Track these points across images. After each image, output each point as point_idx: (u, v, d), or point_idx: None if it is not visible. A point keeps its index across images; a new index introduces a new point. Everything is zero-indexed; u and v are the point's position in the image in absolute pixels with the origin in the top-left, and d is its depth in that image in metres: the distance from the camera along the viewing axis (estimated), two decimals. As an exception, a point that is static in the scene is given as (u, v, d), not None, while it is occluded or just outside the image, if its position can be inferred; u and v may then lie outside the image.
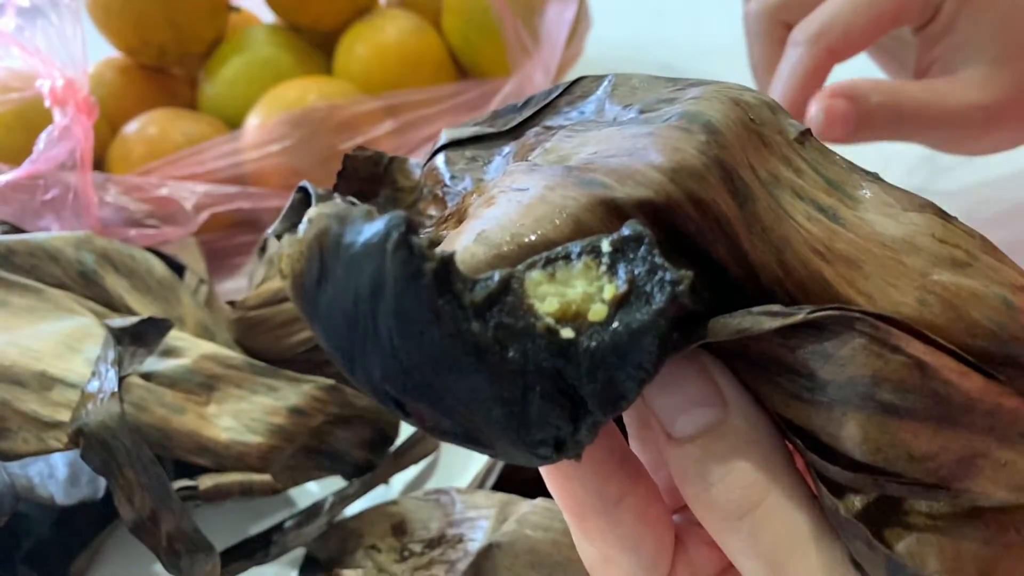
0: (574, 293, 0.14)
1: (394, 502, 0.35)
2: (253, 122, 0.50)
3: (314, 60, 0.56)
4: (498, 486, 0.35)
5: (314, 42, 0.57)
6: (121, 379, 0.34)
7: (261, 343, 0.40)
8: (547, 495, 0.32)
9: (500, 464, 0.35)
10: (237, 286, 0.50)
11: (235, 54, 0.55)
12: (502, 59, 0.55)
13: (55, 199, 0.44)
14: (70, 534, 0.41)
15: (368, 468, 0.38)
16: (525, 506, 0.32)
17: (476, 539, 0.32)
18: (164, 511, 0.33)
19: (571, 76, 0.59)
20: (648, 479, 0.18)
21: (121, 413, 0.33)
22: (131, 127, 0.52)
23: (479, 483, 0.35)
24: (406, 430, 0.40)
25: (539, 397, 0.13)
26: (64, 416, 0.34)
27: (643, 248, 0.14)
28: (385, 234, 0.13)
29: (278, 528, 0.36)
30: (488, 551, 0.31)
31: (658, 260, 0.13)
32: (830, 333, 0.14)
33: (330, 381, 0.37)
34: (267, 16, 0.61)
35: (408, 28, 0.56)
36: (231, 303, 0.40)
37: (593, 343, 0.13)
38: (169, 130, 0.51)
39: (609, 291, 0.14)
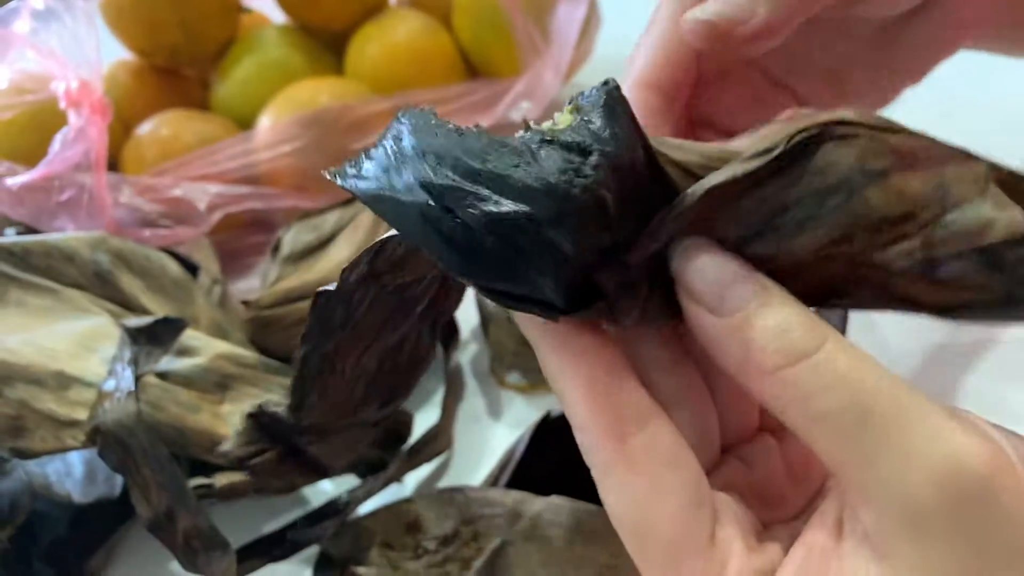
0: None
1: (408, 500, 0.35)
2: (265, 123, 0.50)
3: (325, 60, 0.57)
4: (512, 484, 0.35)
5: (325, 42, 0.58)
6: (137, 378, 0.35)
7: (275, 342, 0.40)
8: (560, 492, 0.33)
9: (514, 462, 0.35)
10: (250, 286, 0.51)
11: (247, 55, 0.55)
12: (513, 58, 0.55)
13: (70, 200, 0.44)
14: (87, 532, 0.41)
15: (381, 467, 0.39)
16: (539, 504, 0.32)
17: (490, 537, 0.32)
18: (180, 509, 0.33)
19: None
20: (687, 390, 0.19)
21: (138, 411, 0.33)
22: (144, 128, 0.52)
23: (493, 481, 0.35)
24: (419, 428, 0.40)
25: (550, 153, 0.16)
26: (81, 415, 0.35)
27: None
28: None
29: (292, 526, 0.37)
30: (502, 548, 0.31)
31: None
32: (806, 154, 0.17)
33: (343, 380, 0.37)
34: (278, 17, 0.62)
35: (419, 28, 0.56)
36: (245, 303, 0.40)
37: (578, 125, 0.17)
38: (182, 131, 0.51)
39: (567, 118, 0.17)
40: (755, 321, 0.16)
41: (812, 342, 0.16)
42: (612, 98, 0.17)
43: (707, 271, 0.17)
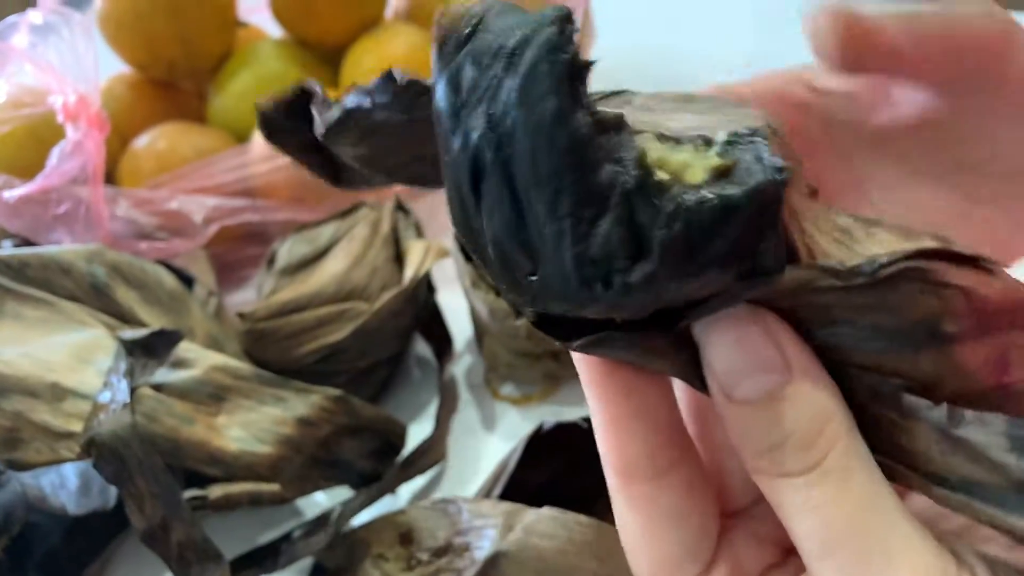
0: (678, 157, 0.14)
1: (401, 511, 0.35)
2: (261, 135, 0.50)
3: (321, 74, 0.57)
4: (505, 496, 0.35)
5: (321, 56, 0.58)
6: (132, 390, 0.35)
7: (270, 354, 0.40)
8: (553, 504, 0.33)
9: (507, 474, 0.35)
10: (245, 298, 0.51)
11: (243, 68, 0.56)
12: (507, 72, 0.56)
13: (67, 213, 0.45)
14: (82, 543, 0.41)
15: (375, 478, 0.39)
16: (531, 515, 0.32)
17: (483, 548, 0.32)
18: (175, 520, 0.33)
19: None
20: (698, 458, 0.18)
21: (133, 423, 0.33)
22: (141, 141, 0.52)
23: (486, 492, 0.36)
24: (413, 440, 0.40)
25: (611, 221, 0.13)
26: (76, 427, 0.35)
27: (758, 138, 0.14)
28: (548, 16, 0.14)
29: (286, 537, 0.37)
30: (495, 559, 0.31)
31: (766, 150, 0.14)
32: (886, 285, 0.15)
33: (338, 392, 0.37)
34: (275, 31, 0.62)
35: (414, 42, 0.56)
36: (240, 315, 0.40)
37: (682, 196, 0.13)
38: (178, 144, 0.52)
39: (712, 161, 0.14)
40: (754, 422, 0.16)
41: (799, 464, 0.15)
42: (764, 200, 0.14)
43: (728, 350, 0.16)
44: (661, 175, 0.14)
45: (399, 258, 0.45)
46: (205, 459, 0.36)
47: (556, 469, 0.39)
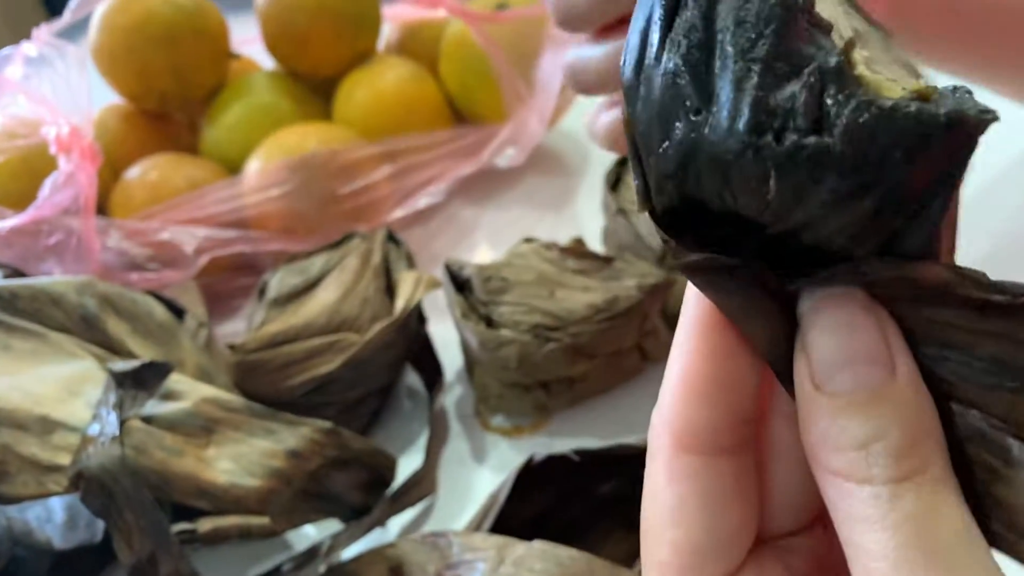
0: (880, 74, 0.13)
1: (391, 545, 0.35)
2: (254, 167, 0.51)
3: (313, 106, 0.58)
4: (495, 528, 0.35)
5: (313, 88, 0.59)
6: (122, 422, 0.35)
7: (260, 386, 0.40)
8: (543, 537, 0.33)
9: (497, 507, 0.35)
10: (236, 328, 0.51)
11: (236, 100, 0.56)
12: (498, 104, 0.56)
13: (58, 244, 0.45)
14: (67, 577, 0.41)
15: (365, 511, 0.39)
16: (522, 548, 0.32)
17: (473, 582, 0.32)
18: (163, 554, 0.33)
19: (566, 121, 0.61)
20: (756, 453, 0.16)
21: (121, 456, 0.33)
22: (133, 172, 0.53)
23: (476, 525, 0.36)
24: (403, 472, 0.40)
25: (801, 86, 0.13)
26: (64, 460, 0.35)
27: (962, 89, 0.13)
28: None
29: (276, 571, 0.36)
30: (485, 594, 0.31)
31: (972, 97, 0.13)
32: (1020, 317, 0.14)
33: (328, 424, 0.37)
34: (267, 63, 0.63)
35: (406, 75, 0.57)
36: (231, 346, 0.40)
37: (879, 96, 0.13)
38: (171, 175, 0.52)
39: (915, 84, 0.13)
40: (843, 417, 0.14)
41: (887, 472, 0.14)
42: (962, 132, 0.13)
43: (833, 334, 0.14)
44: (862, 71, 0.13)
45: (390, 289, 0.45)
46: (194, 492, 0.35)
47: (546, 502, 0.39)
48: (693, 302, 0.16)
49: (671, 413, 0.16)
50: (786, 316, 0.15)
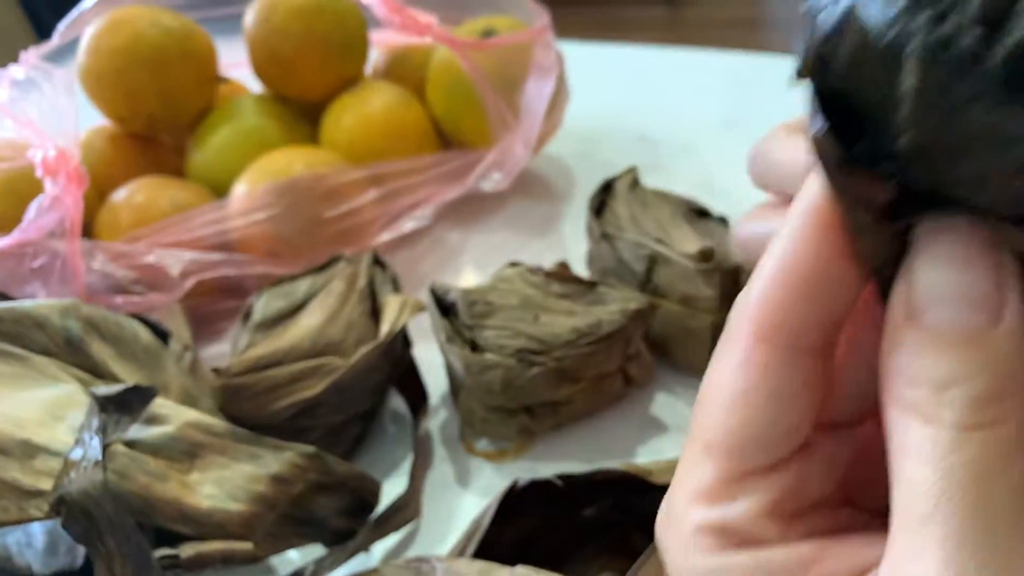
0: None
1: (375, 570, 0.35)
2: (240, 190, 0.51)
3: (300, 129, 0.58)
4: (478, 554, 0.35)
5: (301, 112, 0.59)
6: (105, 447, 0.35)
7: (245, 410, 0.40)
8: (527, 562, 0.33)
9: (481, 532, 0.35)
10: (220, 351, 0.51)
11: (223, 123, 0.57)
12: (484, 129, 0.57)
13: (43, 267, 0.45)
14: (46, 604, 0.40)
15: (349, 536, 0.39)
16: (504, 574, 0.32)
17: (456, 608, 0.32)
18: (144, 581, 0.33)
19: (552, 146, 0.62)
20: (828, 362, 0.16)
21: (104, 481, 0.33)
22: (119, 195, 0.53)
23: (460, 551, 0.36)
24: (387, 497, 0.40)
25: None
26: (46, 484, 0.35)
27: None
28: None
29: (258, 597, 0.36)
30: (468, 620, 0.31)
31: None
32: None
33: (311, 448, 0.37)
34: (255, 86, 0.63)
35: (393, 100, 0.57)
36: (216, 370, 0.40)
37: None
38: (157, 198, 0.52)
39: None
40: (930, 353, 0.14)
41: (962, 415, 0.13)
42: None
43: (943, 268, 0.14)
44: None
45: (375, 312, 0.45)
46: (177, 517, 0.35)
47: (531, 526, 0.39)
48: (811, 196, 0.15)
49: (760, 302, 0.15)
50: (900, 238, 0.14)
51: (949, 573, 0.13)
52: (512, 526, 0.38)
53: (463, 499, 0.42)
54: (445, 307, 0.43)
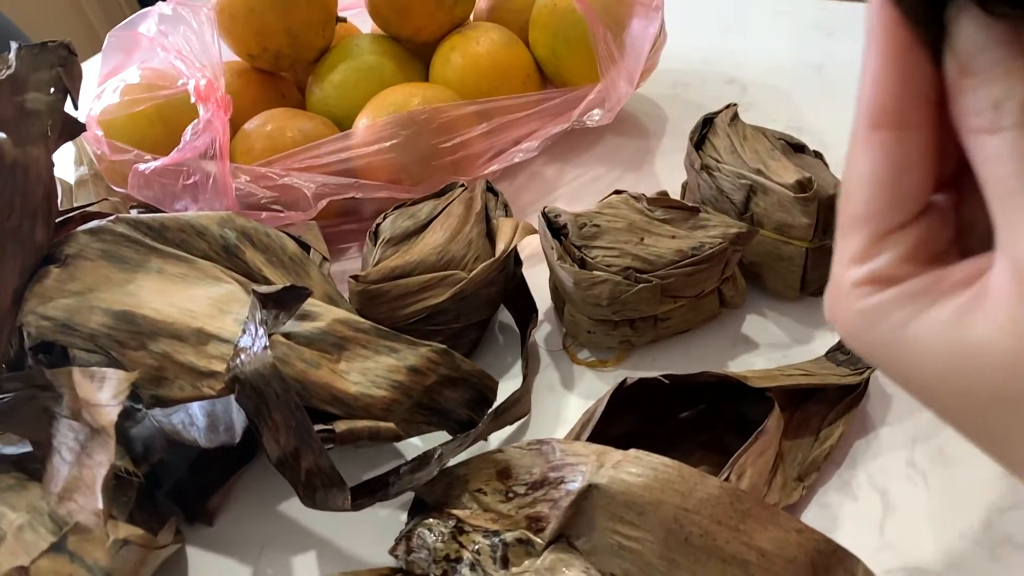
0: None
1: (498, 451, 0.40)
2: (363, 122, 0.55)
3: (412, 67, 0.62)
4: (590, 441, 0.39)
5: (412, 51, 0.63)
6: (268, 336, 0.40)
7: (378, 313, 0.45)
8: (638, 447, 0.37)
9: (594, 420, 0.40)
10: (343, 268, 0.56)
11: (343, 61, 0.61)
12: (582, 69, 0.60)
13: (196, 183, 0.50)
14: (206, 475, 0.46)
15: (470, 425, 0.43)
16: (619, 455, 0.36)
17: (576, 481, 0.37)
18: (305, 450, 0.38)
19: (648, 87, 0.65)
20: (932, 134, 0.20)
21: (272, 363, 0.38)
22: (252, 124, 0.58)
23: (575, 437, 0.40)
24: (502, 395, 0.45)
25: None
26: (218, 367, 0.40)
27: None
28: None
29: (395, 472, 0.41)
30: (588, 491, 0.35)
31: None
32: None
33: (442, 346, 0.42)
34: (365, 26, 0.67)
35: (499, 41, 0.61)
36: (354, 277, 0.45)
37: None
38: (286, 127, 0.57)
39: None
40: (982, 87, 0.18)
41: (1012, 119, 0.17)
42: None
43: (974, 29, 0.18)
44: None
45: (490, 235, 0.50)
46: (328, 399, 0.40)
47: (631, 425, 0.43)
48: (877, 9, 0.19)
49: (867, 97, 0.20)
50: (940, 20, 0.19)
51: None
52: (616, 423, 0.42)
53: (567, 401, 0.47)
54: (555, 229, 0.47)
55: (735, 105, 0.52)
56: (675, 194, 0.54)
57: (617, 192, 0.49)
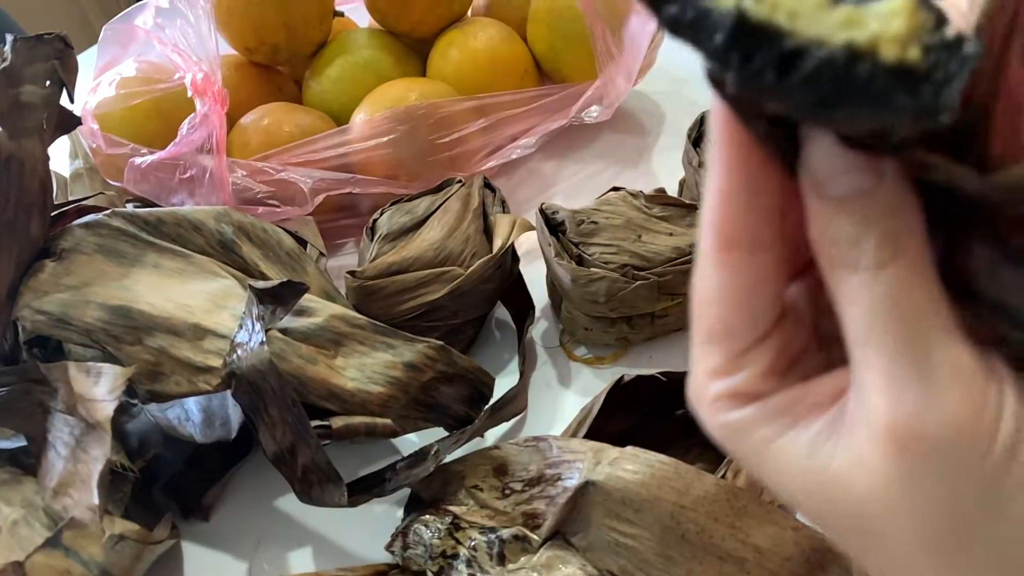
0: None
1: (495, 447, 0.40)
2: (360, 117, 0.55)
3: (410, 62, 0.62)
4: (587, 438, 0.39)
5: (410, 46, 0.63)
6: (265, 331, 0.40)
7: (375, 309, 0.45)
8: (635, 444, 0.37)
9: (591, 418, 0.40)
10: (340, 263, 0.56)
11: (340, 55, 0.61)
12: (581, 65, 0.60)
13: (192, 178, 0.50)
14: (203, 470, 0.46)
15: (466, 422, 0.43)
16: (615, 452, 0.36)
17: (573, 478, 0.37)
18: (302, 445, 0.38)
19: (645, 83, 0.64)
20: (786, 244, 0.19)
21: (269, 359, 0.38)
22: (248, 118, 0.57)
23: (572, 434, 0.40)
24: (498, 392, 0.45)
25: None
26: (214, 362, 0.40)
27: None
28: None
29: (391, 468, 0.41)
30: (585, 488, 0.35)
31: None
32: None
33: (439, 343, 0.42)
34: (363, 21, 0.67)
35: (497, 36, 0.61)
36: (351, 272, 0.45)
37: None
38: (283, 122, 0.57)
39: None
40: (838, 216, 0.17)
41: (871, 258, 0.17)
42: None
43: (829, 153, 0.17)
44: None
45: (487, 231, 0.49)
46: (325, 395, 0.40)
47: (629, 422, 0.43)
48: (724, 125, 0.18)
49: (714, 217, 0.19)
50: (793, 138, 0.18)
51: (891, 372, 0.17)
52: (613, 420, 0.42)
53: (564, 397, 0.47)
54: (553, 226, 0.47)
55: (733, 102, 0.52)
56: (673, 191, 0.54)
57: (615, 189, 0.49)
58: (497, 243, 0.47)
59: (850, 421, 0.18)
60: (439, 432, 0.44)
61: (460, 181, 0.51)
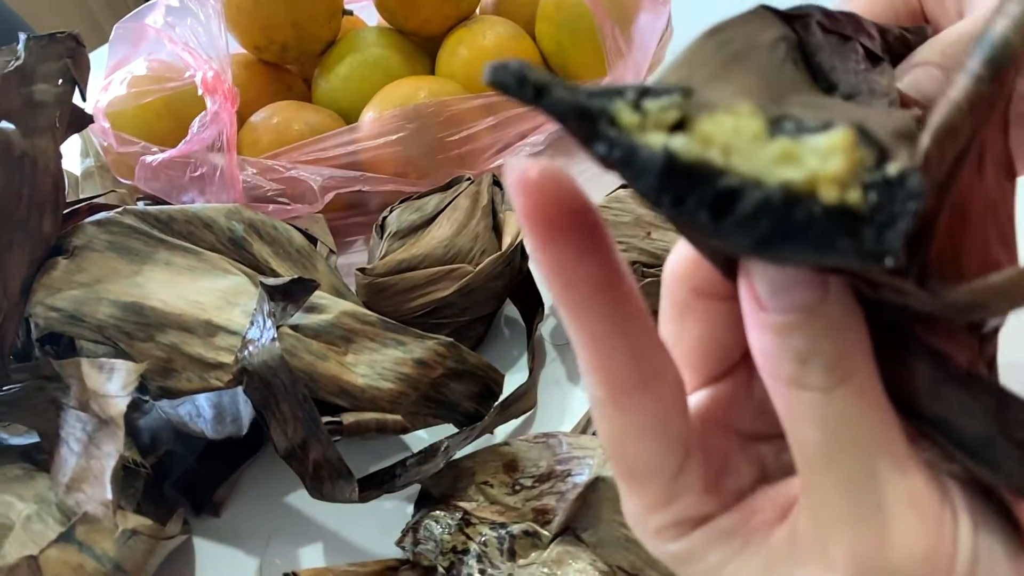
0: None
1: (505, 443, 0.40)
2: (370, 115, 0.55)
3: (418, 60, 0.62)
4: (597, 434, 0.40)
5: (418, 44, 0.63)
6: (276, 328, 0.40)
7: (385, 306, 0.45)
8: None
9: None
10: (350, 261, 0.56)
11: (349, 53, 0.61)
12: (590, 63, 0.60)
13: (203, 176, 0.50)
14: (214, 466, 0.46)
15: (476, 418, 0.44)
16: (625, 448, 0.37)
17: (583, 474, 0.37)
18: (313, 441, 0.39)
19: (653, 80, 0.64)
20: (676, 368, 0.18)
21: (280, 355, 0.38)
22: (258, 116, 0.58)
23: (581, 430, 0.40)
24: (508, 388, 0.45)
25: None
26: (226, 359, 0.40)
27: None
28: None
29: (401, 464, 0.42)
30: (595, 484, 0.36)
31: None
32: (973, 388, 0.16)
33: (449, 339, 0.42)
34: (371, 20, 0.67)
35: (505, 33, 0.61)
36: (361, 270, 0.45)
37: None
38: (292, 120, 0.57)
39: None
40: (783, 334, 0.16)
41: (821, 380, 0.16)
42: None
43: (771, 269, 0.16)
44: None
45: (496, 228, 0.50)
46: (336, 391, 0.41)
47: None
48: (563, 290, 0.17)
49: (594, 370, 0.17)
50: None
51: (847, 503, 0.16)
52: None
53: (573, 394, 0.47)
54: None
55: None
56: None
57: (624, 186, 0.49)
58: (506, 241, 0.47)
59: (805, 547, 0.17)
60: (449, 428, 0.44)
61: (469, 179, 0.51)
